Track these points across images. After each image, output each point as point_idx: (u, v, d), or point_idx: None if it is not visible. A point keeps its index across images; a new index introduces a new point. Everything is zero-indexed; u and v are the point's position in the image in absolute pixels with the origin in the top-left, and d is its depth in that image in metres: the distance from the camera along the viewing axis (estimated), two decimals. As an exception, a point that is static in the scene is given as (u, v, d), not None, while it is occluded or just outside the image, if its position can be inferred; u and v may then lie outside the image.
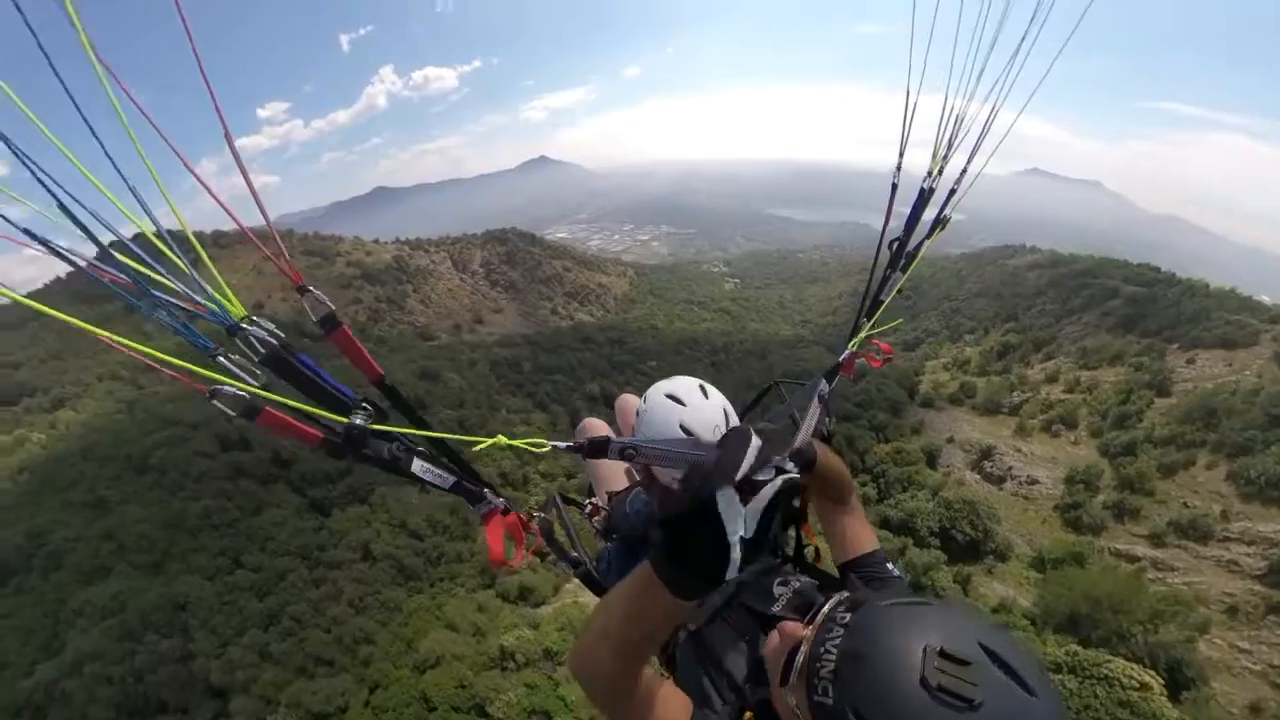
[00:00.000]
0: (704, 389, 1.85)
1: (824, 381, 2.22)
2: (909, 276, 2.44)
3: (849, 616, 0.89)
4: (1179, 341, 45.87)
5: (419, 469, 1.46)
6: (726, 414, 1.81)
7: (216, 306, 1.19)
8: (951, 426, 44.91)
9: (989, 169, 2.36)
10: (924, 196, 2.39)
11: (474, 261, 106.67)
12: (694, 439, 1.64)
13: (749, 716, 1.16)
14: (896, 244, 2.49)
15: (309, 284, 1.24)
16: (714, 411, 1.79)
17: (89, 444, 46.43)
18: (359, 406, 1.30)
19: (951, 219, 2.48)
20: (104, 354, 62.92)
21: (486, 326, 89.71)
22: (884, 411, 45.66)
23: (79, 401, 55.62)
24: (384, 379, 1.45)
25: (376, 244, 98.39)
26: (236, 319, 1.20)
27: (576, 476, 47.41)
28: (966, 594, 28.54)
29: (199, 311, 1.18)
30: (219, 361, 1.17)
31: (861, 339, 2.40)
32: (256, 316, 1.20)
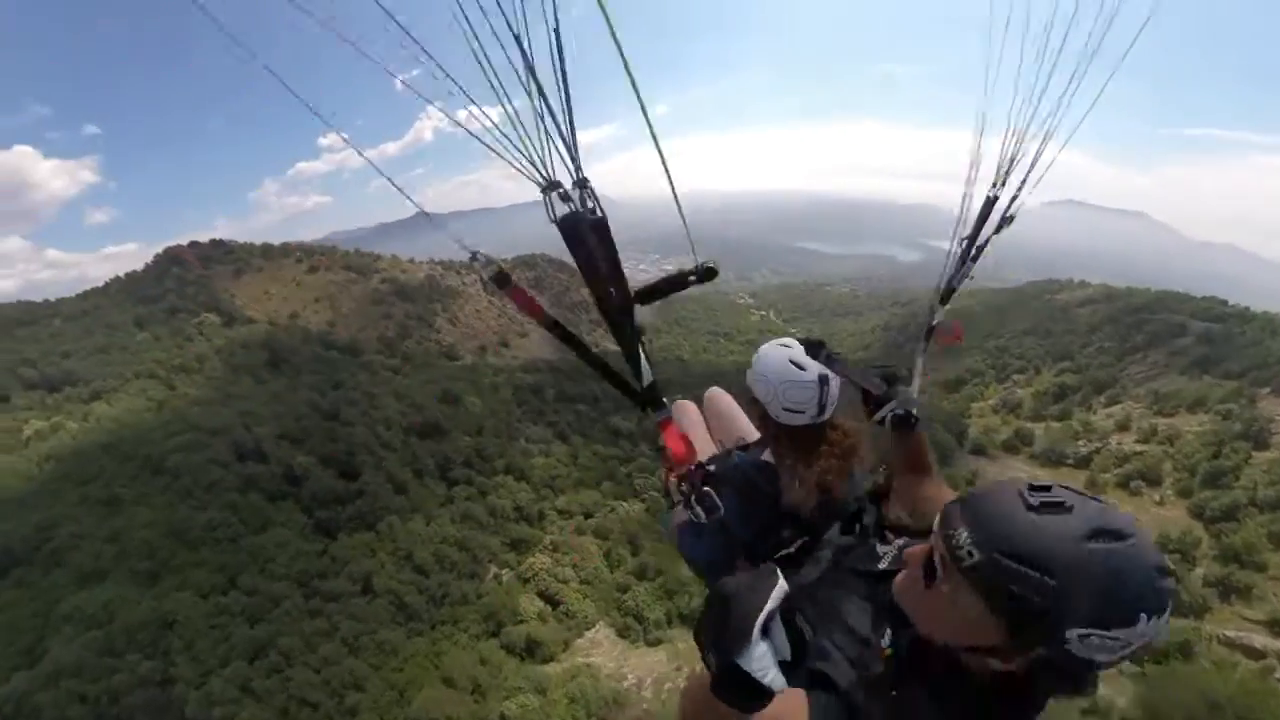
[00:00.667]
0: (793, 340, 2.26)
1: (923, 341, 2.57)
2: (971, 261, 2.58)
3: (957, 507, 1.09)
4: (1269, 385, 41.24)
5: (645, 366, 1.80)
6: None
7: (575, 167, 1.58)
8: (1009, 479, 40.78)
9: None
10: (989, 203, 2.66)
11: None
12: (805, 372, 2.05)
13: (887, 654, 1.22)
14: (991, 200, 2.65)
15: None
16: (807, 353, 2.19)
17: (114, 439, 46.83)
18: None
19: (985, 250, 2.64)
20: (144, 351, 64.73)
21: (512, 350, 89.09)
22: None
23: (114, 395, 56.44)
24: (554, 322, 1.77)
25: (412, 263, 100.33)
26: (583, 178, 1.58)
27: (594, 516, 44.57)
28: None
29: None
30: (558, 192, 1.56)
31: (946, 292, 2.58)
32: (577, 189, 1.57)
